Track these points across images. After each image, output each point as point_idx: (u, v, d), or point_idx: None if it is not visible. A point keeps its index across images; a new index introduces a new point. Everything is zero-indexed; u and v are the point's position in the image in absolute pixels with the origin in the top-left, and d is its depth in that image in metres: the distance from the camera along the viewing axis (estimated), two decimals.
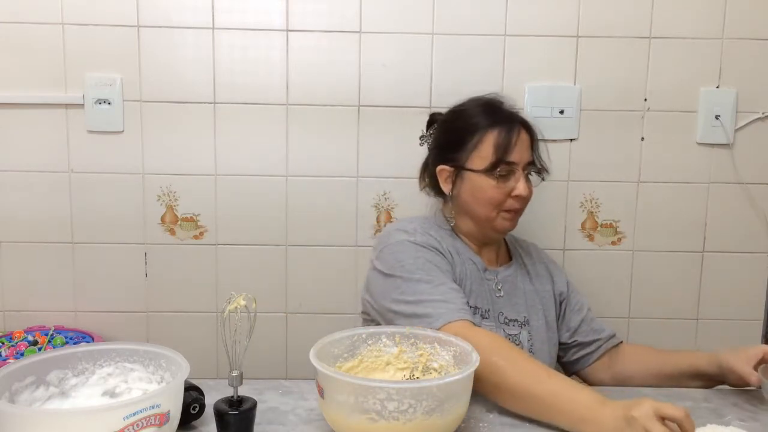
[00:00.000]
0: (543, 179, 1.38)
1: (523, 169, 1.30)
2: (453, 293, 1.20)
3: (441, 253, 1.29)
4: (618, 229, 1.71)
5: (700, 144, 1.68)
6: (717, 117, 1.66)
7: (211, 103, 1.64)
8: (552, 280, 1.43)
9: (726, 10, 1.63)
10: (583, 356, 1.40)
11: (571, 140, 1.68)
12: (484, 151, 1.30)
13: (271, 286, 1.71)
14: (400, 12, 1.62)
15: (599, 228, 1.71)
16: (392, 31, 1.63)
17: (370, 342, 1.10)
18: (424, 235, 1.30)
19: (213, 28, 1.62)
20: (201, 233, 1.69)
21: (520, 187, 1.29)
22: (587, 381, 1.40)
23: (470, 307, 1.26)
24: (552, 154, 1.66)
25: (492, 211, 1.31)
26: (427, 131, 1.48)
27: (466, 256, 1.35)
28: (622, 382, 1.35)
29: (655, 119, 1.67)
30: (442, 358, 1.07)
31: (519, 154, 1.30)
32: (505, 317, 1.33)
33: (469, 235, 1.37)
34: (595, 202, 1.70)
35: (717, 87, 1.66)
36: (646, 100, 1.66)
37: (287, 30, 1.62)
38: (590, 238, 1.72)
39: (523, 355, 1.08)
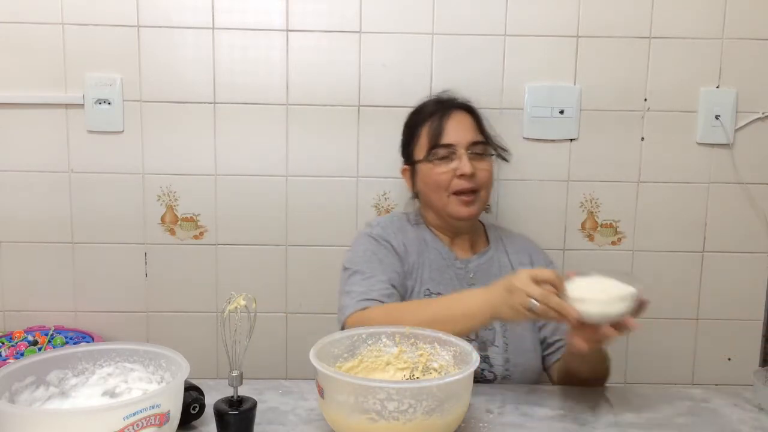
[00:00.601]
0: (504, 159, 1.44)
1: (467, 149, 1.33)
2: (378, 284, 1.27)
3: (391, 245, 1.35)
4: (618, 229, 1.71)
5: (700, 144, 1.68)
6: (717, 117, 1.65)
7: (211, 103, 1.64)
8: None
9: (726, 10, 1.63)
10: (546, 356, 1.38)
11: (571, 140, 1.67)
12: (422, 141, 1.38)
13: (271, 286, 1.71)
14: (400, 12, 1.62)
15: (599, 228, 1.71)
16: (392, 31, 1.63)
17: (370, 342, 1.10)
18: (382, 228, 1.37)
19: (213, 28, 1.62)
20: (201, 233, 1.69)
21: (462, 166, 1.31)
22: (550, 380, 1.38)
23: (430, 293, 1.32)
24: (552, 154, 1.67)
25: (442, 195, 1.34)
26: None
27: (433, 246, 1.39)
28: (566, 379, 1.29)
29: (655, 119, 1.67)
30: (442, 358, 1.07)
31: (455, 135, 1.34)
32: None
33: (438, 227, 1.42)
34: (595, 202, 1.70)
35: (717, 87, 1.66)
36: (646, 100, 1.66)
37: (287, 30, 1.62)
38: (590, 238, 1.72)
39: (410, 302, 1.26)
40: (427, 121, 1.38)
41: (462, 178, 1.32)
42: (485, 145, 1.37)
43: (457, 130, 1.35)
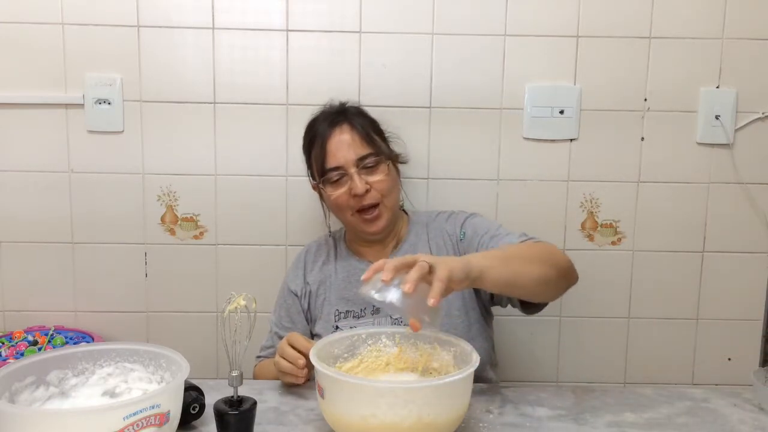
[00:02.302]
0: (401, 162, 1.42)
1: (357, 166, 1.31)
2: (269, 341, 1.42)
3: (288, 289, 1.43)
4: (618, 229, 1.71)
5: (700, 144, 1.68)
6: (717, 117, 1.65)
7: (211, 103, 1.64)
8: (452, 247, 1.38)
9: (726, 10, 1.63)
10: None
11: (571, 140, 1.67)
12: (314, 165, 1.37)
13: (271, 286, 1.70)
14: (400, 12, 1.62)
15: (599, 228, 1.71)
16: (392, 31, 1.63)
17: (370, 342, 1.10)
18: (290, 271, 1.47)
19: (213, 28, 1.62)
20: (201, 233, 1.69)
21: (354, 185, 1.29)
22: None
23: (339, 313, 1.35)
24: (552, 154, 1.67)
25: (348, 215, 1.34)
26: None
27: (343, 263, 1.40)
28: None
29: (655, 119, 1.67)
30: (442, 358, 1.07)
31: (341, 155, 1.31)
32: None
33: (355, 240, 1.42)
34: (595, 202, 1.70)
35: (717, 87, 1.66)
36: (646, 100, 1.66)
37: (287, 30, 1.62)
38: (590, 238, 1.72)
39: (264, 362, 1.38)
40: (313, 145, 1.36)
41: (357, 199, 1.30)
42: (375, 156, 1.32)
43: (340, 150, 1.31)
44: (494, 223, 1.36)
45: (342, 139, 1.32)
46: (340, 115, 1.37)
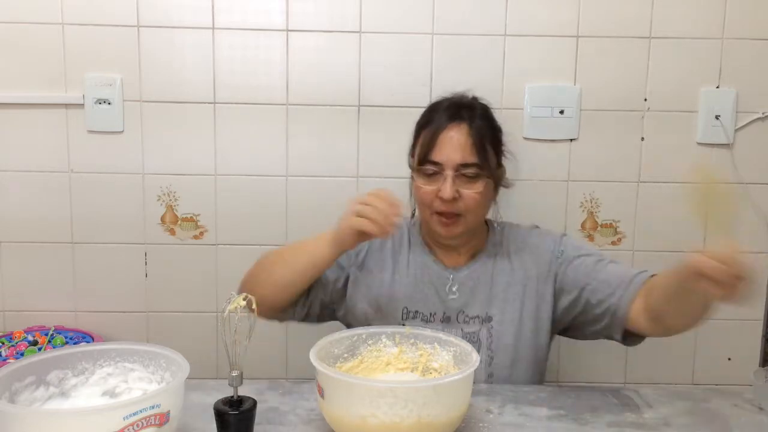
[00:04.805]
0: (503, 185, 1.34)
1: (456, 170, 1.23)
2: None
3: (338, 264, 1.33)
4: (618, 229, 1.71)
5: (700, 144, 1.68)
6: (717, 117, 1.65)
7: (211, 103, 1.64)
8: (546, 264, 1.32)
9: (726, 10, 1.63)
10: (609, 323, 1.27)
11: (571, 140, 1.67)
12: (418, 149, 1.28)
13: None
14: (400, 12, 1.62)
15: (599, 228, 1.71)
16: (392, 31, 1.63)
17: (370, 342, 1.10)
18: (361, 248, 1.37)
19: (213, 28, 1.62)
20: (201, 233, 1.69)
21: (444, 189, 1.22)
22: (637, 329, 1.26)
23: (408, 311, 1.30)
24: (552, 154, 1.68)
25: (425, 211, 1.28)
26: None
27: (417, 259, 1.34)
28: (657, 320, 1.21)
29: (655, 119, 1.67)
30: (442, 358, 1.07)
31: (446, 153, 1.23)
32: (466, 315, 1.30)
33: (430, 237, 1.35)
34: (595, 202, 1.70)
35: (717, 87, 1.66)
36: (646, 100, 1.66)
37: (287, 30, 1.62)
38: (590, 238, 1.72)
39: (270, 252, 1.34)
40: (425, 128, 1.29)
41: (441, 201, 1.24)
42: (479, 169, 1.24)
43: (450, 149, 1.23)
44: (586, 244, 1.36)
45: (454, 137, 1.24)
46: (465, 111, 1.28)
